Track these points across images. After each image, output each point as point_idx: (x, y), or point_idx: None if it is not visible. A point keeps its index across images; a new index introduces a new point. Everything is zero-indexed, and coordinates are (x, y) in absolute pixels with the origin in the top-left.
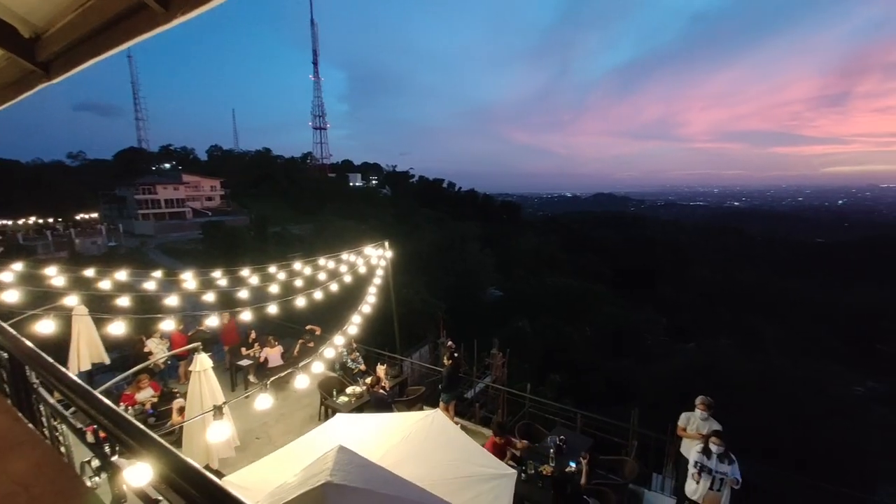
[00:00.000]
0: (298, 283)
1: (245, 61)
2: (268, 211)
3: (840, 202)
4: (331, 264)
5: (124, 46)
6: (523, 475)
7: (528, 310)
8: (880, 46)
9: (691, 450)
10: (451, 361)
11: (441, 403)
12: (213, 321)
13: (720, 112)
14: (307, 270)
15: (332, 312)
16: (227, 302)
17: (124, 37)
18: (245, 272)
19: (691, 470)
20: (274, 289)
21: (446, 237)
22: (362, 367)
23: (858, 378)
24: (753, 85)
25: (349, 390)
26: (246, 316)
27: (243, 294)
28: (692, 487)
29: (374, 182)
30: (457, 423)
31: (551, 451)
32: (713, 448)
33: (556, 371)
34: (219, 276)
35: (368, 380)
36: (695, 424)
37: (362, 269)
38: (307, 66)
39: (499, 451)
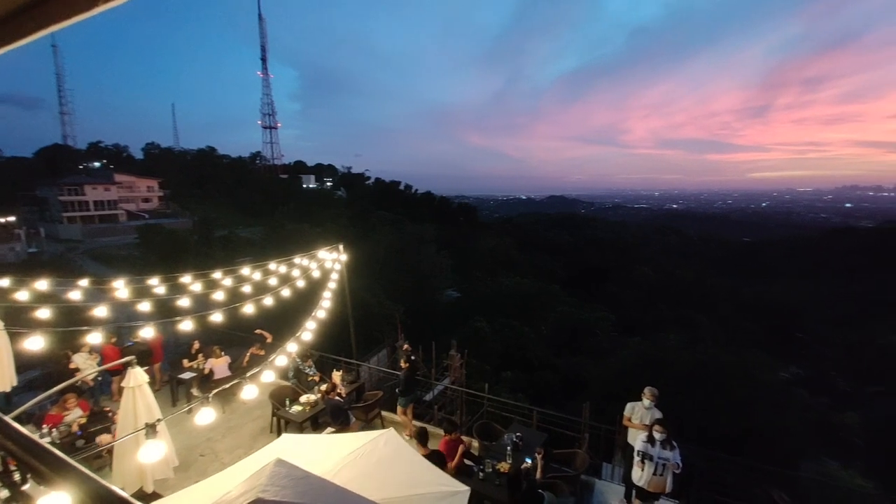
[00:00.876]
0: (248, 289)
1: (186, 54)
2: (213, 213)
3: (763, 204)
4: (283, 269)
5: (36, 36)
6: (481, 474)
7: (486, 310)
8: (797, 63)
9: (636, 439)
10: (407, 364)
11: (399, 407)
12: (148, 333)
13: (659, 121)
14: (257, 275)
15: (285, 319)
16: (167, 312)
17: (35, 26)
18: (187, 279)
19: (636, 458)
20: (220, 296)
21: (403, 239)
22: (316, 376)
23: (782, 364)
24: (687, 96)
25: (303, 399)
26: (187, 326)
27: (185, 303)
28: (637, 474)
29: (328, 184)
30: (415, 426)
31: (508, 448)
32: (656, 436)
33: (514, 369)
34: (156, 284)
35: (324, 387)
36: (639, 413)
37: (316, 274)
38: (255, 62)
39: (452, 449)
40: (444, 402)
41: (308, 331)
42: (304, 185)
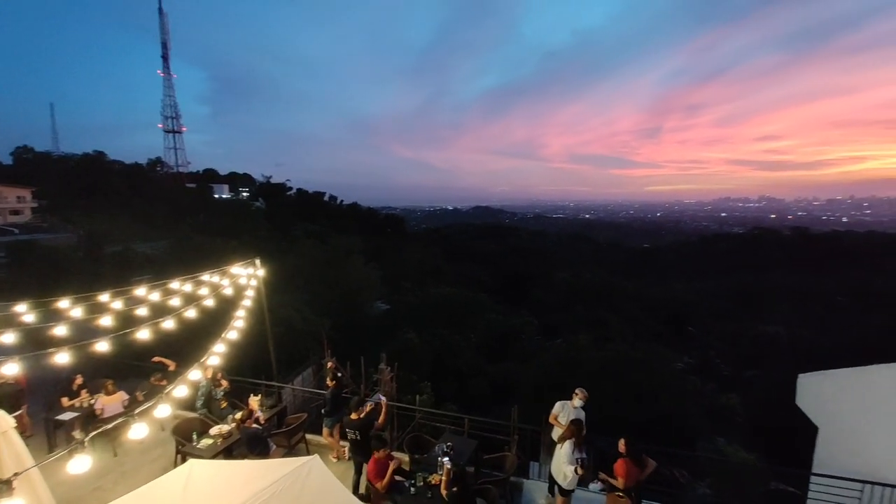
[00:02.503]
0: (144, 311)
1: (68, 49)
2: (103, 227)
3: (658, 214)
4: (189, 287)
5: None
6: (412, 489)
7: (416, 321)
8: (680, 92)
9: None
10: (334, 383)
11: (325, 429)
12: (12, 369)
13: (572, 138)
14: (155, 296)
15: (193, 343)
16: (41, 343)
17: None
18: (66, 303)
19: (573, 465)
20: (109, 321)
21: (329, 252)
22: (222, 403)
23: (677, 355)
24: (594, 117)
25: (213, 430)
26: (63, 358)
27: (62, 331)
28: (571, 478)
29: (244, 194)
30: (343, 447)
31: (440, 459)
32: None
33: (445, 379)
34: (25, 311)
35: (238, 415)
36: (568, 412)
37: (229, 291)
38: (155, 59)
39: (382, 468)
40: None
41: (216, 354)
42: (217, 196)
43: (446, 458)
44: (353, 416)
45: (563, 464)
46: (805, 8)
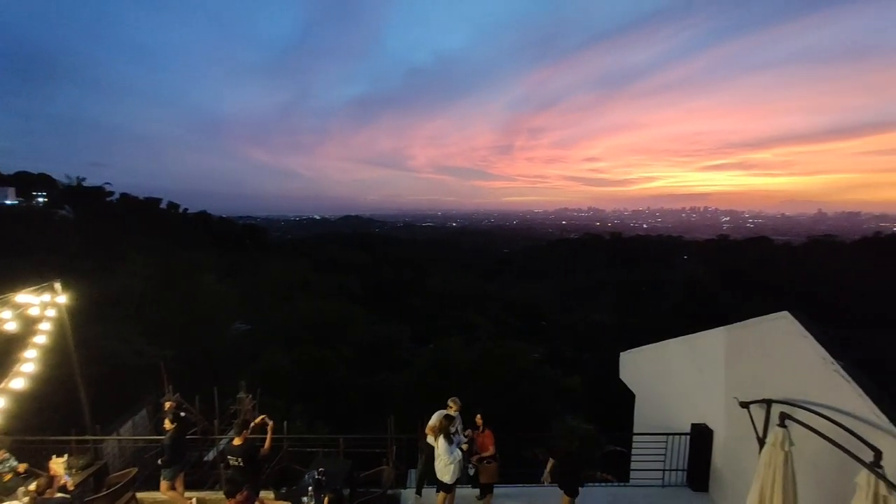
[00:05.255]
0: None
1: None
2: None
3: (514, 222)
4: None
5: None
6: None
7: (283, 340)
8: (525, 116)
9: (442, 445)
10: (174, 425)
11: (163, 482)
12: None
13: (437, 150)
14: None
15: None
16: None
17: None
18: None
19: (450, 464)
20: None
21: (171, 269)
22: (19, 467)
23: (533, 347)
24: (456, 132)
25: None
26: None
27: None
28: (450, 475)
29: (41, 199)
30: (189, 499)
31: (310, 488)
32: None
33: (317, 398)
34: None
35: (33, 485)
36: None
37: (12, 326)
38: None
39: None
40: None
41: None
42: None
43: (317, 487)
44: (237, 440)
45: (444, 458)
46: (609, 56)
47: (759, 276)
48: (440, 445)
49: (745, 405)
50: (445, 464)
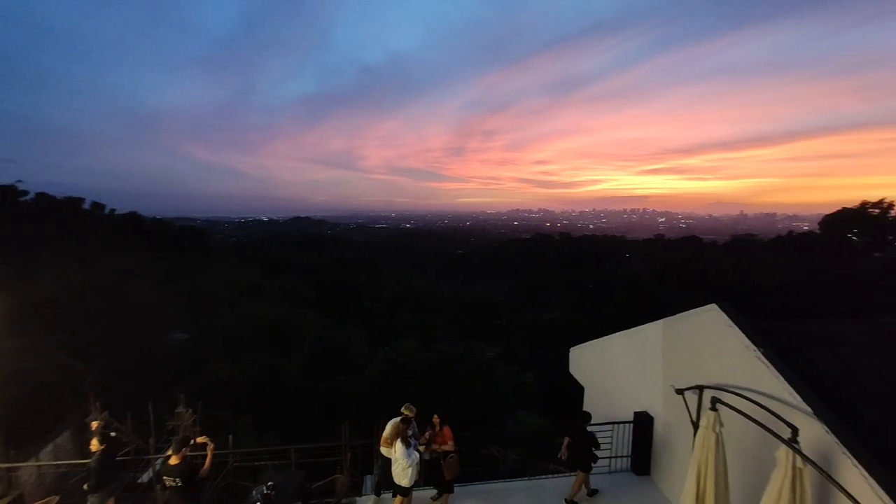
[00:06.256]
0: None
1: None
2: None
3: (468, 223)
4: None
5: None
6: None
7: (229, 348)
8: (478, 119)
9: (399, 450)
10: (102, 446)
11: None
12: None
13: (390, 151)
14: None
15: None
16: None
17: None
18: None
19: (408, 468)
20: None
21: (98, 275)
22: None
23: (489, 346)
24: (410, 133)
25: None
26: None
27: None
28: (408, 478)
29: None
30: None
31: None
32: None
33: (268, 408)
34: None
35: None
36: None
37: None
38: None
39: None
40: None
41: None
42: None
43: (266, 503)
44: (174, 459)
45: (402, 463)
46: (557, 63)
47: (690, 272)
48: (398, 450)
49: (680, 392)
50: (403, 468)
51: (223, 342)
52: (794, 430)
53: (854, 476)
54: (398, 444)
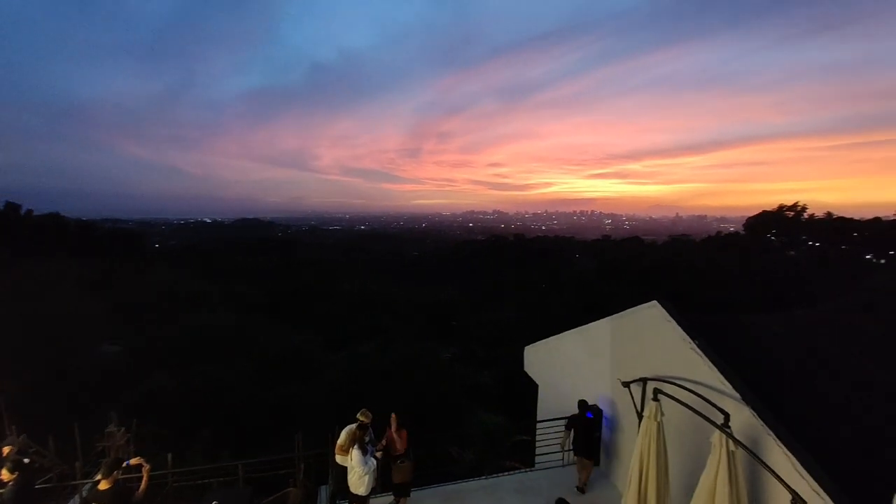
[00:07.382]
0: None
1: None
2: None
3: (423, 225)
4: None
5: None
6: None
7: (170, 360)
8: (433, 121)
9: (355, 457)
10: (15, 474)
11: None
12: None
13: (344, 151)
14: None
15: None
16: None
17: None
18: None
19: (365, 475)
20: None
21: (12, 283)
22: None
23: (445, 348)
24: (364, 134)
25: None
26: None
27: None
28: (365, 486)
29: None
30: None
31: None
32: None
33: (213, 423)
34: None
35: None
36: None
37: None
38: None
39: None
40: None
41: None
42: None
43: None
44: (104, 484)
45: (358, 470)
46: (510, 69)
47: (634, 270)
48: (354, 457)
49: (626, 385)
50: (360, 475)
51: (161, 353)
52: (726, 416)
53: (778, 455)
54: (354, 452)
